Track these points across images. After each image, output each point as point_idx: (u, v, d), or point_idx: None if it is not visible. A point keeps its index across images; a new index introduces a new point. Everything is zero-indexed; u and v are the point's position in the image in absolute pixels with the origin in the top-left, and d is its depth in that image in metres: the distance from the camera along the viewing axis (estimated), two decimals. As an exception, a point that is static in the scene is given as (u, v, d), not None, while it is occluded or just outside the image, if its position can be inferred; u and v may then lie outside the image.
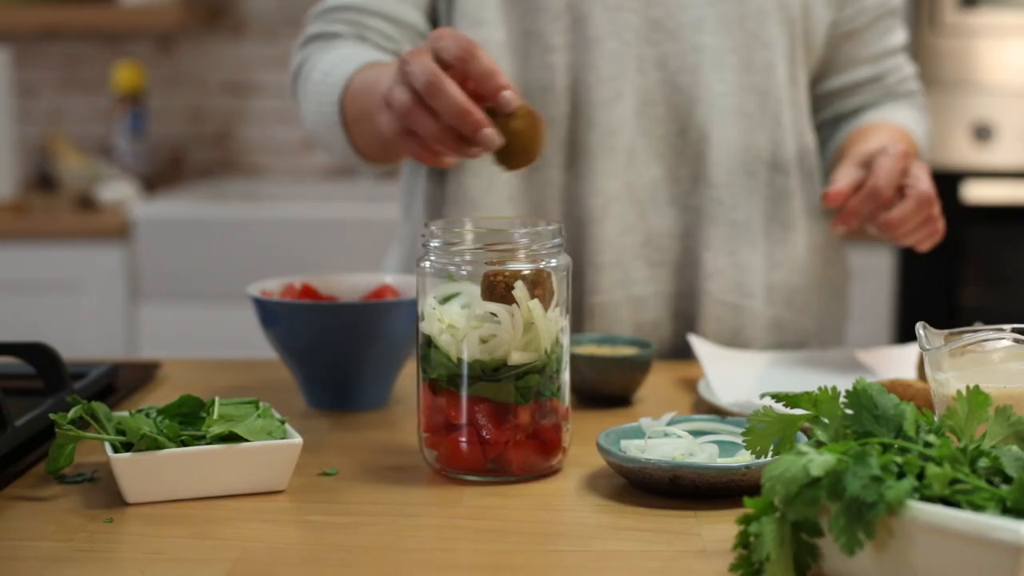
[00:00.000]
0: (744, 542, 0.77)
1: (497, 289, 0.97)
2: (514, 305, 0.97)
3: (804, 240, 1.49)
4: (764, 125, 1.44)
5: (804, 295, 1.49)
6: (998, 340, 0.94)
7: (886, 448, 0.78)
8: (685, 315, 1.46)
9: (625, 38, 1.41)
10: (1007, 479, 0.76)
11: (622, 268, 1.43)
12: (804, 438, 0.92)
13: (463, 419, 0.99)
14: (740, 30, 1.42)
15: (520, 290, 0.97)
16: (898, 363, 1.29)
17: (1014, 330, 0.94)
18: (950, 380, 0.92)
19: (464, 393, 0.98)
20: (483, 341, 0.97)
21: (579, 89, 1.42)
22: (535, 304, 0.97)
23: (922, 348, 0.93)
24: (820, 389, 0.83)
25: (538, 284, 0.98)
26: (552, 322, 0.99)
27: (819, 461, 0.74)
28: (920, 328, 0.94)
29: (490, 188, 1.43)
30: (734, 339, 1.44)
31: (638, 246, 1.44)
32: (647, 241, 1.44)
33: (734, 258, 1.44)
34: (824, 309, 1.53)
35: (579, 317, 1.44)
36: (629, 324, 1.44)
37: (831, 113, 1.55)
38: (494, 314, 0.97)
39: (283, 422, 0.99)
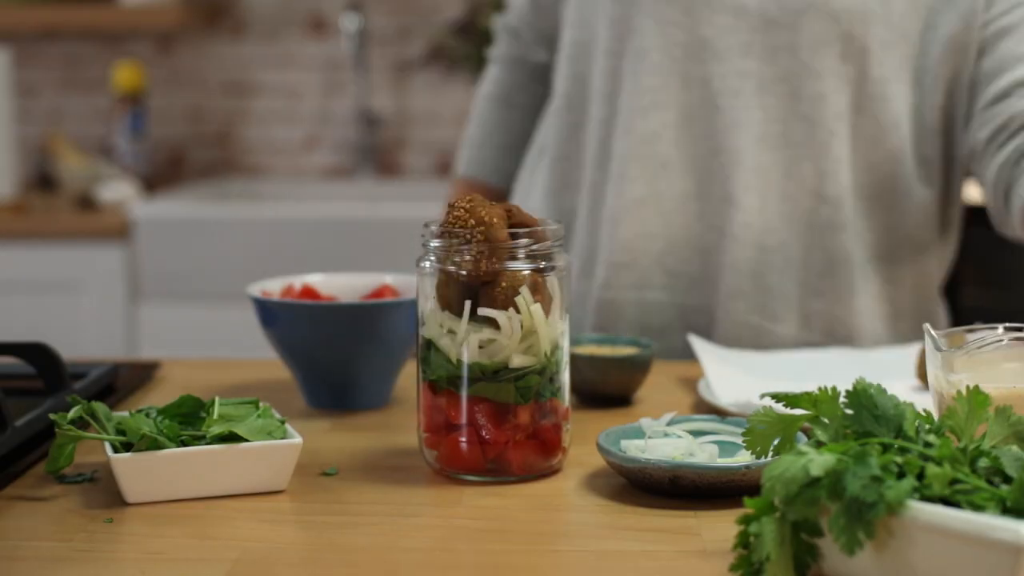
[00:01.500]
0: (744, 542, 0.77)
1: (497, 295, 0.97)
2: (511, 310, 0.97)
3: (864, 275, 1.45)
4: (810, 155, 1.41)
5: (851, 327, 1.45)
6: (1009, 341, 0.94)
7: (886, 448, 0.78)
8: (698, 329, 1.45)
9: (673, 53, 1.42)
10: (1007, 479, 0.76)
11: (638, 270, 1.44)
12: (804, 438, 0.92)
13: (463, 419, 0.99)
14: (790, 58, 1.40)
15: (523, 295, 0.97)
16: (898, 363, 1.29)
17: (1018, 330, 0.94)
18: (963, 382, 0.92)
19: (464, 393, 0.98)
20: (482, 346, 0.97)
21: (620, 95, 1.45)
22: (536, 309, 0.97)
23: (937, 350, 0.93)
24: (820, 389, 0.83)
25: (537, 289, 0.98)
26: (552, 326, 0.99)
27: (819, 461, 0.74)
28: (928, 329, 0.94)
29: (531, 186, 1.57)
30: None
31: (658, 252, 1.44)
32: (669, 250, 1.44)
33: (761, 281, 1.42)
34: (891, 336, 1.49)
35: (583, 311, 1.46)
36: (636, 326, 1.44)
37: (1001, 119, 1.37)
38: (494, 320, 0.97)
39: (283, 422, 0.99)
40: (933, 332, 0.94)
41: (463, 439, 0.99)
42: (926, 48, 1.41)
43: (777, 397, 0.85)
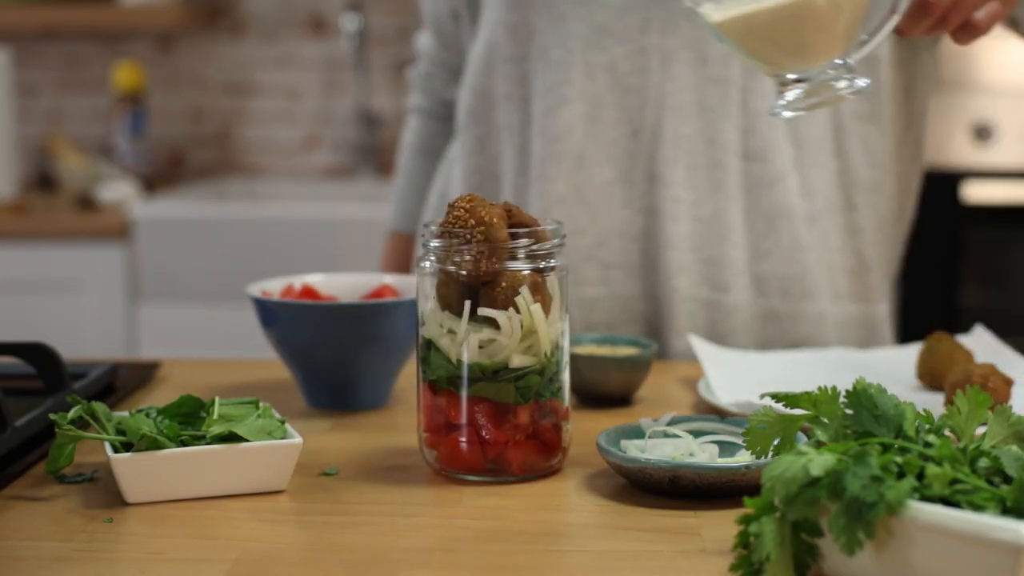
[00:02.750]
0: (744, 542, 0.77)
1: (497, 295, 0.97)
2: (511, 310, 0.97)
3: (815, 224, 1.44)
4: (729, 116, 1.41)
5: (807, 283, 1.44)
6: None
7: (886, 448, 0.78)
8: (644, 317, 1.45)
9: (570, 46, 1.42)
10: (1007, 479, 0.76)
11: (571, 269, 1.44)
12: (804, 438, 0.92)
13: (463, 419, 0.99)
14: (690, 24, 1.40)
15: (523, 295, 0.97)
16: (898, 363, 1.29)
17: None
18: (711, 12, 0.98)
19: (464, 393, 0.98)
20: (482, 346, 0.97)
21: (529, 98, 1.46)
22: (536, 309, 0.97)
23: None
24: (820, 389, 0.83)
25: (537, 289, 0.98)
26: (552, 326, 0.99)
27: (819, 461, 0.74)
28: None
29: (446, 197, 1.56)
30: (711, 334, 1.43)
31: (589, 247, 1.44)
32: (599, 243, 1.44)
33: (703, 254, 1.42)
34: (857, 290, 1.47)
35: None
36: (580, 324, 1.45)
37: None
38: (494, 320, 0.97)
39: (283, 422, 0.99)
40: None
41: (463, 439, 0.99)
42: None
43: (777, 397, 0.85)
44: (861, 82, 1.03)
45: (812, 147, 1.44)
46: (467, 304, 0.97)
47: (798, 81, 1.03)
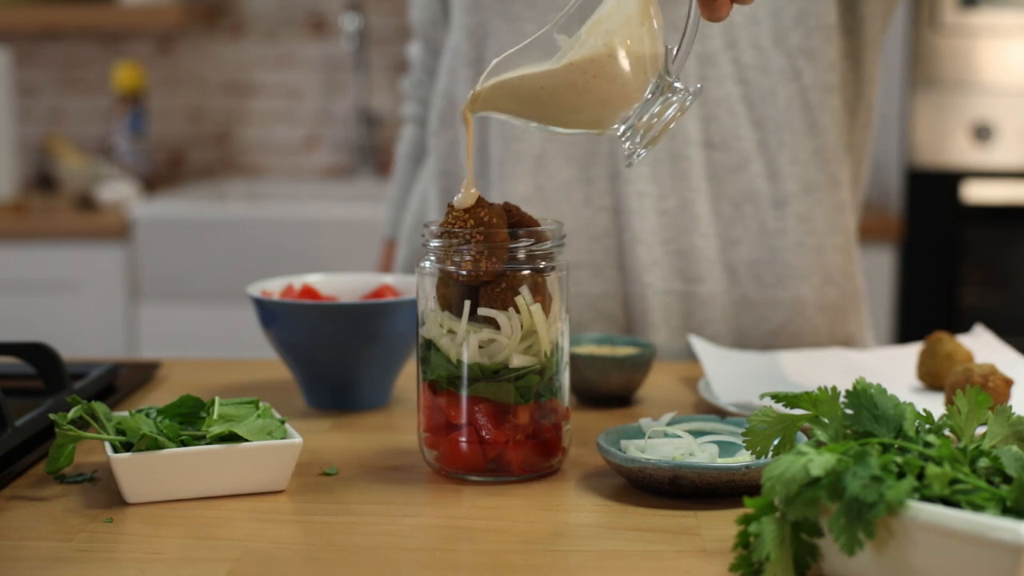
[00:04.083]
0: (744, 542, 0.77)
1: (497, 295, 0.97)
2: (511, 310, 0.97)
3: (786, 208, 1.43)
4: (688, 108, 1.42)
5: (778, 269, 1.44)
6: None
7: (886, 448, 0.78)
8: (610, 315, 1.45)
9: None
10: (1007, 479, 0.76)
11: None
12: (804, 438, 0.92)
13: (463, 419, 0.99)
14: None
15: (523, 295, 0.97)
16: (898, 363, 1.29)
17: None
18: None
19: (464, 393, 0.98)
20: (482, 346, 0.97)
21: None
22: (536, 309, 0.97)
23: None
24: (820, 389, 0.83)
25: (537, 289, 0.98)
26: (552, 326, 0.99)
27: (819, 461, 0.74)
28: None
29: (427, 199, 1.57)
30: (687, 326, 1.43)
31: None
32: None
33: (672, 246, 1.43)
34: (827, 277, 1.46)
35: None
36: None
37: None
38: (494, 320, 0.97)
39: (283, 422, 0.99)
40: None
41: (463, 439, 0.99)
42: None
43: (777, 397, 0.85)
44: (692, 87, 0.98)
45: (778, 130, 1.43)
46: (467, 304, 0.97)
47: (630, 127, 0.98)
